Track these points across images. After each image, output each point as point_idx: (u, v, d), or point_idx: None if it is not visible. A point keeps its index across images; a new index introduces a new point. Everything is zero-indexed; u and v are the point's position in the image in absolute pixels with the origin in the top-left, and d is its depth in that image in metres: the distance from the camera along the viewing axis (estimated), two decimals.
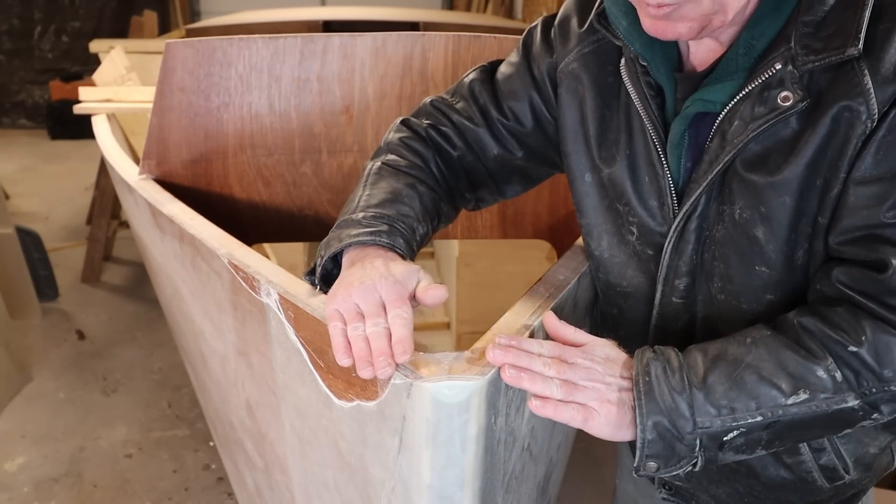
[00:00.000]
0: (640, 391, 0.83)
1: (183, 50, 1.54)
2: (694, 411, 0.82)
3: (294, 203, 1.80)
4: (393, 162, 1.10)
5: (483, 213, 1.88)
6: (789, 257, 0.89)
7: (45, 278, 3.75)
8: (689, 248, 0.96)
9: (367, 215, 1.00)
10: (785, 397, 0.81)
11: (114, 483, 2.51)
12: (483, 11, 7.29)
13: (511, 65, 1.15)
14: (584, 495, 2.48)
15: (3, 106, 7.86)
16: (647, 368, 0.84)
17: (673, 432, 0.82)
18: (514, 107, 1.13)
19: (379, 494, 0.93)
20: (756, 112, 0.86)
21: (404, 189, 1.05)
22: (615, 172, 1.01)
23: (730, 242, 0.92)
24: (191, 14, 8.19)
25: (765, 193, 0.87)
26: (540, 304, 0.99)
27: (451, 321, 3.47)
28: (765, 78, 0.86)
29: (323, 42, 1.58)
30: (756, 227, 0.89)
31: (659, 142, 0.96)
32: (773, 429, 0.83)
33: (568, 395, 0.82)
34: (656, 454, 0.83)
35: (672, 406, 0.82)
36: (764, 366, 0.82)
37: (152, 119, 1.59)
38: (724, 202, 0.91)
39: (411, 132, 1.15)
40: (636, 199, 1.00)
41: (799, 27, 0.84)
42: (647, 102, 0.96)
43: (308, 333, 0.96)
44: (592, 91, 1.03)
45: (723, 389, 0.82)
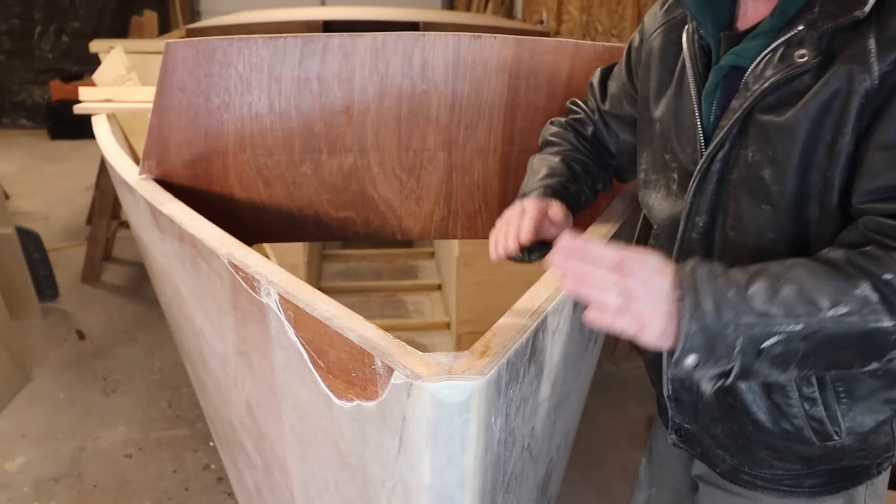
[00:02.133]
0: (686, 285, 0.84)
1: (183, 50, 1.54)
2: (738, 311, 0.83)
3: (294, 203, 1.80)
4: (546, 150, 1.41)
5: (483, 213, 1.89)
6: (791, 203, 0.98)
7: (45, 278, 3.76)
8: (710, 188, 1.06)
9: (532, 187, 1.29)
10: (825, 310, 0.83)
11: (114, 483, 2.51)
12: (483, 11, 7.30)
13: (619, 63, 1.37)
14: (584, 495, 2.48)
15: (3, 106, 7.86)
16: (694, 270, 0.86)
17: (715, 328, 0.83)
18: (614, 97, 1.36)
19: (379, 494, 0.93)
20: (776, 67, 0.97)
21: (556, 163, 1.35)
22: (665, 123, 1.16)
23: (742, 183, 1.02)
24: (191, 14, 8.20)
25: (772, 136, 0.98)
26: (540, 304, 0.99)
27: (451, 321, 3.47)
28: (787, 37, 0.97)
29: (323, 42, 1.58)
30: (764, 168, 0.99)
31: (696, 93, 1.10)
32: (811, 341, 0.84)
33: (625, 306, 0.84)
34: (697, 347, 0.84)
35: (717, 303, 0.83)
36: (805, 282, 0.85)
37: (152, 119, 1.59)
38: (741, 146, 1.02)
39: (554, 126, 1.45)
40: (678, 146, 1.13)
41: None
42: (695, 59, 1.11)
43: (308, 333, 0.96)
44: (657, 59, 1.20)
45: (765, 296, 0.84)
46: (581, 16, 5.97)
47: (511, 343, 0.89)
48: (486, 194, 1.86)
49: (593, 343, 1.42)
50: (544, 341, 0.99)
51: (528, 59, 1.67)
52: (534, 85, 1.70)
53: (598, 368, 1.99)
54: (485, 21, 4.80)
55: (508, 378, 0.88)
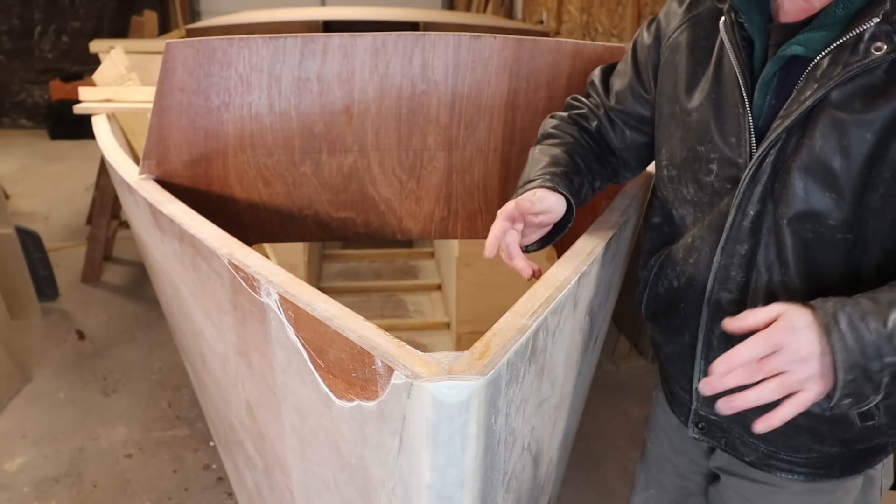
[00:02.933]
0: (833, 339, 0.89)
1: (183, 50, 1.54)
2: (883, 353, 0.89)
3: (294, 203, 1.80)
4: (547, 142, 1.39)
5: (483, 213, 1.89)
6: (858, 191, 0.99)
7: (45, 278, 3.76)
8: (764, 177, 1.07)
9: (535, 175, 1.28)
10: None
11: (114, 483, 2.51)
12: (483, 11, 7.30)
13: (623, 60, 1.38)
14: (584, 495, 2.48)
15: (3, 106, 7.85)
16: (834, 315, 0.91)
17: (868, 371, 0.89)
18: (621, 93, 1.36)
19: (379, 494, 0.93)
20: (850, 59, 0.98)
21: (560, 154, 1.33)
22: (701, 115, 1.15)
23: (804, 170, 1.02)
24: (191, 14, 8.20)
25: (849, 129, 0.98)
26: (540, 304, 0.99)
27: (451, 321, 3.47)
28: (861, 30, 0.97)
29: (323, 42, 1.58)
30: (834, 158, 0.99)
31: (744, 84, 1.09)
32: None
33: (785, 391, 0.91)
34: (852, 393, 0.90)
35: (867, 346, 0.89)
36: None
37: (152, 119, 1.59)
38: (805, 136, 1.02)
39: (555, 119, 1.43)
40: (718, 136, 1.12)
41: None
42: (739, 51, 1.10)
43: (308, 333, 0.96)
44: (686, 54, 1.20)
45: None
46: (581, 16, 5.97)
47: (511, 343, 0.89)
48: (486, 194, 1.86)
49: (593, 343, 1.42)
50: (544, 341, 0.99)
51: (528, 60, 1.67)
52: (534, 85, 1.70)
53: (598, 368, 1.99)
54: (485, 21, 4.80)
55: (508, 378, 0.88)
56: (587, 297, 1.19)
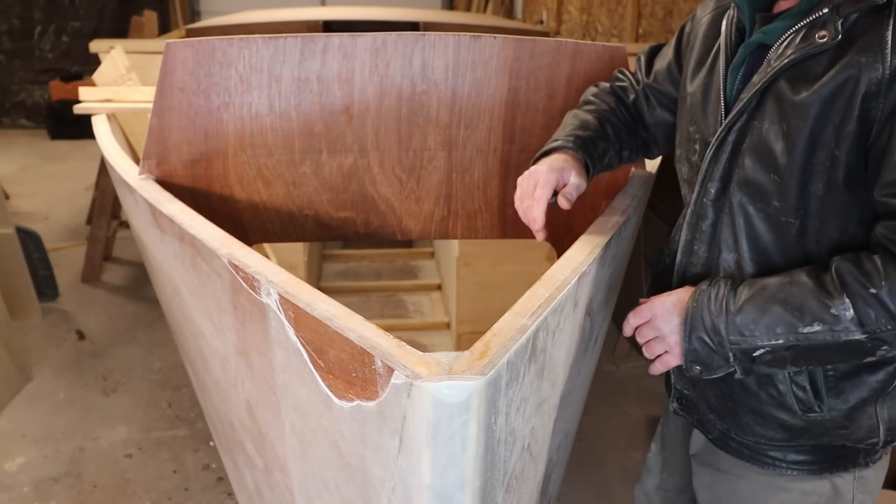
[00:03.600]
0: (688, 313, 1.08)
1: (183, 50, 1.54)
2: (728, 331, 1.04)
3: (294, 203, 1.80)
4: (584, 108, 1.46)
5: (483, 213, 1.89)
6: (799, 178, 1.04)
7: (45, 278, 3.76)
8: (724, 156, 1.13)
9: (562, 136, 1.35)
10: (801, 326, 1.00)
11: (114, 483, 2.51)
12: (483, 11, 7.30)
13: (670, 43, 1.42)
14: (584, 495, 2.48)
15: (3, 106, 7.86)
16: (697, 296, 1.09)
17: (711, 345, 1.06)
18: (658, 73, 1.41)
19: (379, 494, 0.93)
20: (797, 45, 1.03)
21: (590, 120, 1.40)
22: (695, 98, 1.23)
23: (753, 152, 1.09)
24: (191, 14, 8.20)
25: (787, 112, 1.03)
26: (540, 304, 0.99)
27: (451, 321, 3.47)
28: (812, 19, 1.03)
29: (323, 42, 1.58)
30: (775, 141, 1.05)
31: (724, 68, 1.16)
32: (795, 350, 1.02)
33: (652, 354, 1.14)
34: (698, 360, 1.08)
35: (711, 325, 1.06)
36: (791, 300, 1.01)
37: (152, 119, 1.59)
38: (757, 118, 1.08)
39: (597, 88, 1.50)
40: (702, 118, 1.20)
41: None
42: (730, 38, 1.17)
43: (308, 333, 0.96)
44: (700, 40, 1.27)
45: (752, 317, 1.03)
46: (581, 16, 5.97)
47: (511, 343, 0.89)
48: (486, 194, 1.86)
49: (593, 343, 1.42)
50: (544, 341, 0.99)
51: (528, 59, 1.67)
52: (534, 85, 1.70)
53: (598, 368, 1.99)
54: (485, 21, 4.80)
55: (508, 378, 0.88)
56: (587, 297, 1.19)
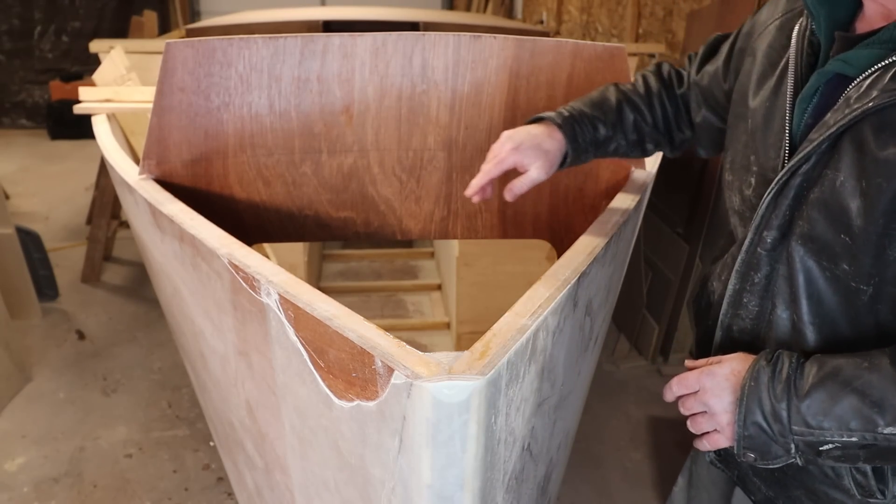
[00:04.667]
0: (745, 391, 0.92)
1: (183, 50, 1.54)
2: (790, 419, 0.89)
3: (294, 203, 1.80)
4: (622, 85, 1.38)
5: (483, 213, 1.89)
6: (873, 241, 0.88)
7: (45, 278, 3.76)
8: (785, 203, 0.98)
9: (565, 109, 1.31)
10: (883, 426, 0.85)
11: (114, 483, 2.51)
12: (483, 11, 7.30)
13: (729, 38, 1.28)
14: (584, 495, 2.48)
15: (3, 106, 7.86)
16: (756, 372, 0.93)
17: (769, 433, 0.91)
18: (707, 73, 1.30)
19: (379, 494, 0.93)
20: (886, 85, 0.85)
21: (612, 101, 1.33)
22: (756, 121, 1.07)
23: (822, 206, 0.93)
24: (191, 14, 8.20)
25: (868, 167, 0.87)
26: (540, 304, 0.99)
27: (451, 321, 3.47)
28: None
29: (323, 42, 1.58)
30: (852, 198, 0.89)
31: (792, 93, 0.99)
32: (870, 450, 0.88)
33: (696, 429, 0.98)
34: (753, 448, 0.93)
35: (771, 410, 0.90)
36: (871, 392, 0.85)
37: (152, 119, 1.59)
38: (830, 166, 0.92)
39: (657, 71, 1.40)
40: (762, 148, 1.04)
41: None
42: (801, 56, 1.00)
43: (308, 333, 0.96)
44: (763, 51, 1.10)
45: (823, 407, 0.87)
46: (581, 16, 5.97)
47: (511, 343, 0.89)
48: None
49: (593, 343, 1.42)
50: (544, 341, 0.99)
51: (528, 59, 1.67)
52: (534, 85, 1.70)
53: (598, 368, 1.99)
54: (485, 21, 4.80)
55: (508, 378, 0.88)
56: (587, 297, 1.19)
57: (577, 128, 1.29)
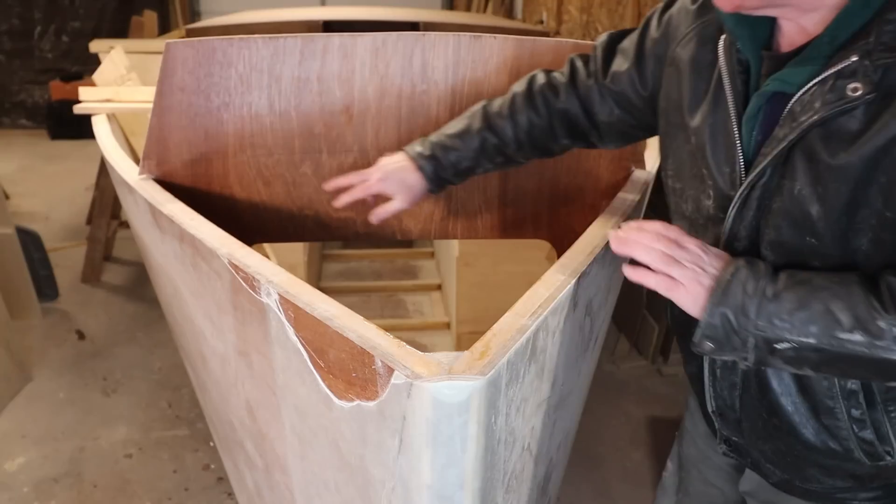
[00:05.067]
0: (720, 283, 0.95)
1: (183, 50, 1.54)
2: (757, 315, 0.92)
3: (294, 203, 1.80)
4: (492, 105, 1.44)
5: (483, 213, 1.89)
6: (840, 238, 0.94)
7: (45, 278, 3.75)
8: (750, 214, 1.03)
9: (433, 140, 1.44)
10: (841, 331, 0.89)
11: (114, 483, 2.51)
12: (483, 11, 7.30)
13: (631, 39, 1.31)
14: (584, 495, 2.48)
15: (3, 106, 7.85)
16: (734, 269, 0.96)
17: (733, 324, 0.94)
18: (616, 73, 1.32)
19: (379, 494, 0.93)
20: (826, 98, 0.91)
21: (474, 131, 1.42)
22: (700, 138, 1.11)
23: (785, 214, 0.98)
24: (191, 14, 8.19)
25: (823, 175, 0.93)
26: (540, 304, 0.99)
27: (451, 321, 3.47)
28: (840, 67, 0.91)
29: (323, 42, 1.58)
30: (812, 204, 0.95)
31: (735, 113, 1.04)
32: (822, 354, 0.91)
33: (664, 267, 0.97)
34: (713, 337, 0.96)
35: (740, 304, 0.93)
36: (835, 302, 0.90)
37: (152, 119, 1.59)
38: (786, 177, 0.97)
39: (527, 86, 1.42)
40: (714, 165, 1.08)
41: (883, 24, 0.89)
42: (734, 76, 1.05)
43: (308, 333, 0.96)
44: (690, 68, 1.14)
45: (790, 307, 0.91)
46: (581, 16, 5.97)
47: (511, 343, 0.89)
48: (485, 194, 1.86)
49: (593, 343, 1.42)
50: (544, 341, 0.99)
51: (528, 59, 1.67)
52: None
53: (598, 368, 1.99)
54: (485, 21, 4.80)
55: (508, 378, 0.88)
56: (587, 297, 1.19)
57: (437, 165, 1.43)
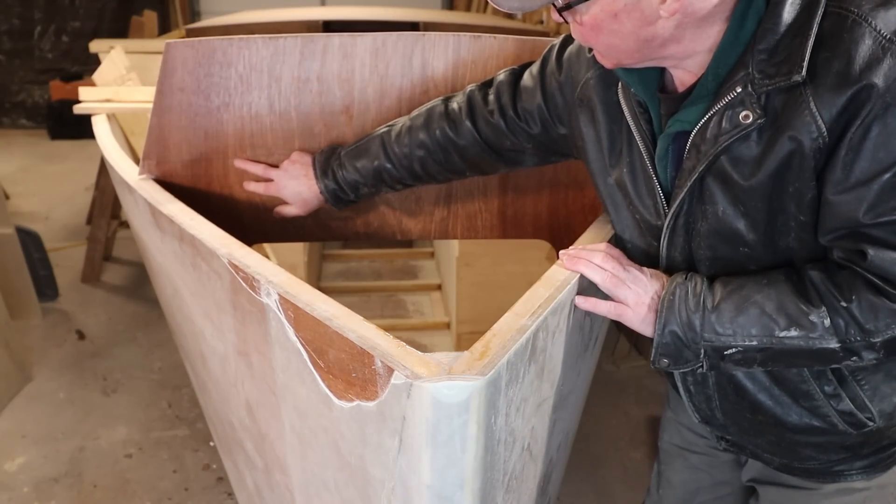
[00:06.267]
0: (664, 304, 1.05)
1: (183, 50, 1.54)
2: (702, 328, 1.02)
3: None
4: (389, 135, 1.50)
5: (483, 213, 1.88)
6: (769, 243, 1.04)
7: (45, 278, 3.75)
8: (680, 240, 1.11)
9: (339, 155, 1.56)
10: (779, 330, 1.00)
11: (114, 483, 2.51)
12: (483, 11, 7.29)
13: (531, 75, 1.36)
14: (584, 495, 2.48)
15: (3, 106, 7.85)
16: (674, 288, 1.06)
17: (683, 340, 1.04)
18: (526, 110, 1.36)
19: (379, 494, 0.93)
20: (723, 128, 1.00)
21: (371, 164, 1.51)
22: (621, 178, 1.19)
23: (714, 233, 1.07)
24: (191, 14, 8.19)
25: (741, 196, 1.02)
26: (540, 304, 0.99)
27: (451, 321, 3.47)
28: (728, 99, 0.99)
29: (323, 42, 1.58)
30: (738, 221, 1.04)
31: (647, 153, 1.12)
32: (766, 353, 1.01)
33: (612, 287, 1.09)
34: (668, 354, 1.06)
35: (686, 320, 1.03)
36: (769, 304, 1.00)
37: (152, 119, 1.59)
38: (706, 202, 1.06)
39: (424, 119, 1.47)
40: (637, 200, 1.17)
41: (755, 54, 0.97)
42: (637, 119, 1.13)
43: (308, 333, 0.96)
44: (601, 109, 1.20)
45: (730, 316, 1.02)
46: None
47: (511, 343, 0.89)
48: (485, 194, 1.85)
49: (593, 343, 1.42)
50: (544, 341, 0.99)
51: (527, 59, 1.66)
52: None
53: (598, 368, 1.99)
54: (485, 21, 4.80)
55: (508, 378, 0.88)
56: (587, 295, 1.18)
57: (336, 188, 1.55)
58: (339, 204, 1.59)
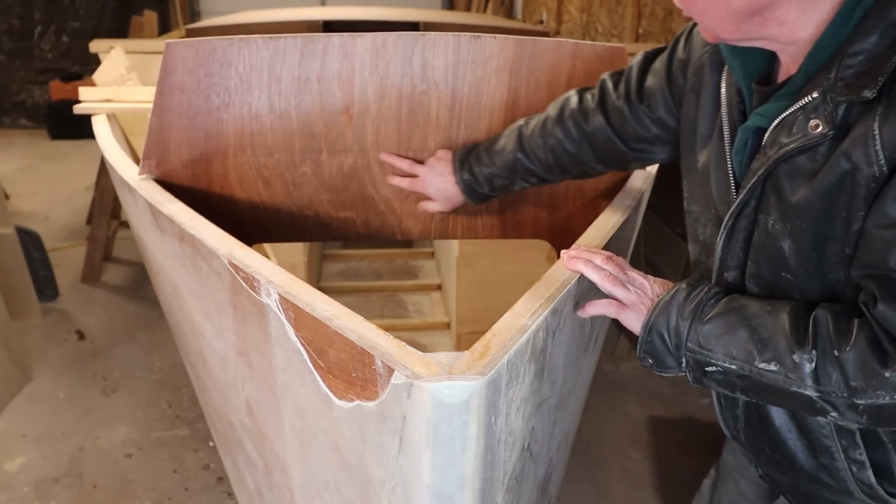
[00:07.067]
0: (658, 305, 1.02)
1: (183, 50, 1.54)
2: (687, 337, 0.98)
3: (294, 203, 1.80)
4: (525, 127, 1.50)
5: (483, 213, 1.89)
6: (815, 273, 0.96)
7: (45, 278, 3.75)
8: (737, 245, 1.05)
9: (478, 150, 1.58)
10: (759, 360, 0.93)
11: (114, 483, 2.51)
12: (483, 11, 7.30)
13: (661, 57, 1.31)
14: (584, 495, 2.48)
15: (3, 106, 7.85)
16: (674, 292, 1.02)
17: (667, 344, 1.01)
18: (650, 91, 1.31)
19: (379, 494, 0.93)
20: (791, 135, 0.93)
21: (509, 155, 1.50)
22: (706, 166, 1.13)
23: (762, 249, 1.01)
24: (191, 14, 8.20)
25: (788, 211, 0.95)
26: (540, 304, 0.99)
27: (451, 321, 3.47)
28: (803, 103, 0.92)
29: (323, 42, 1.58)
30: (783, 239, 0.97)
31: (729, 144, 1.07)
32: (746, 381, 0.95)
33: (611, 286, 1.06)
34: (651, 354, 1.03)
35: (674, 326, 0.99)
36: (761, 331, 0.94)
37: (152, 119, 1.59)
38: (761, 210, 1.00)
39: (559, 110, 1.45)
40: (716, 193, 1.10)
41: (844, 57, 0.88)
42: (732, 106, 1.07)
43: (308, 333, 0.96)
44: (705, 92, 1.15)
45: (717, 333, 0.96)
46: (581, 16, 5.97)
47: (511, 343, 0.89)
48: None
49: (593, 343, 1.42)
50: (544, 341, 0.99)
51: (528, 60, 1.67)
52: (534, 85, 1.70)
53: (598, 368, 1.99)
54: (485, 21, 4.80)
55: (508, 378, 0.88)
56: (587, 298, 1.19)
57: (472, 181, 1.57)
58: (474, 197, 1.60)
